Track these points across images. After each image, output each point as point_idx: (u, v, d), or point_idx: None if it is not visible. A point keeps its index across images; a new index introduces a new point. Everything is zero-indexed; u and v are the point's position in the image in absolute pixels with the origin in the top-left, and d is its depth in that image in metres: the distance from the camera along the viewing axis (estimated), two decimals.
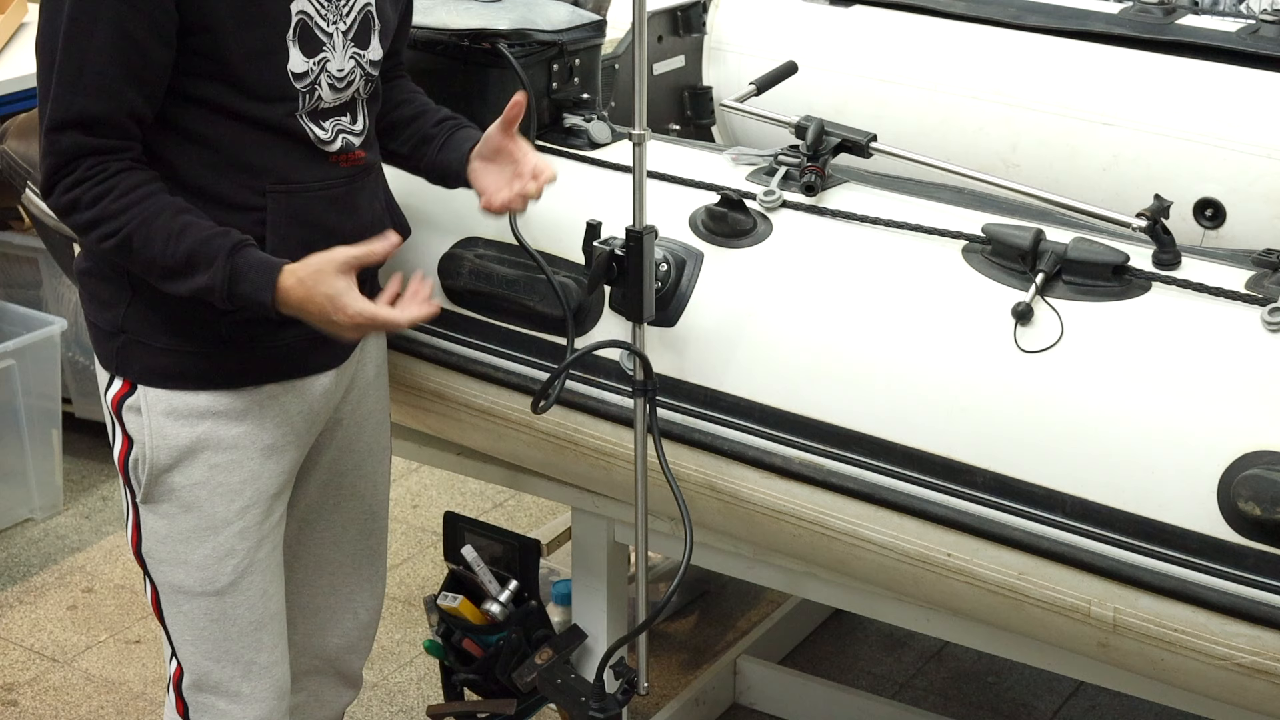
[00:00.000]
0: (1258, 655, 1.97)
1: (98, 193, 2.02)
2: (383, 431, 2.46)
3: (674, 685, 3.30)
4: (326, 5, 2.11)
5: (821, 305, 2.22)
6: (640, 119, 2.15)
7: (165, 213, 2.03)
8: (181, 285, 2.05)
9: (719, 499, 2.32)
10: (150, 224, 2.03)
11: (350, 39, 2.16)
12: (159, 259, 2.03)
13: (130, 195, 2.03)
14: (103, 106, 2.01)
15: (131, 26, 1.99)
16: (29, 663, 3.44)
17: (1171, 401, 2.00)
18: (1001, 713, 3.27)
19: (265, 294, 2.04)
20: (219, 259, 2.02)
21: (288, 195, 2.12)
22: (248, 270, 2.04)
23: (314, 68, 2.11)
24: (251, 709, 2.27)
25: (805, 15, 3.26)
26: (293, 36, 2.08)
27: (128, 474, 2.21)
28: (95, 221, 2.03)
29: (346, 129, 2.19)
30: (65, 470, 4.07)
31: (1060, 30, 3.04)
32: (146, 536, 2.23)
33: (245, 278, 2.03)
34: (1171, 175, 2.83)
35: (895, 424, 2.14)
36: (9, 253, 4.18)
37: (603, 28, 2.65)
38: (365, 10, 2.17)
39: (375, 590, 2.52)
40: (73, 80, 2.00)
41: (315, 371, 2.25)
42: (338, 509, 2.42)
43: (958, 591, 2.19)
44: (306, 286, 2.03)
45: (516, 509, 4.04)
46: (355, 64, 2.17)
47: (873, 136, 2.39)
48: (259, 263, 2.05)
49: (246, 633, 2.24)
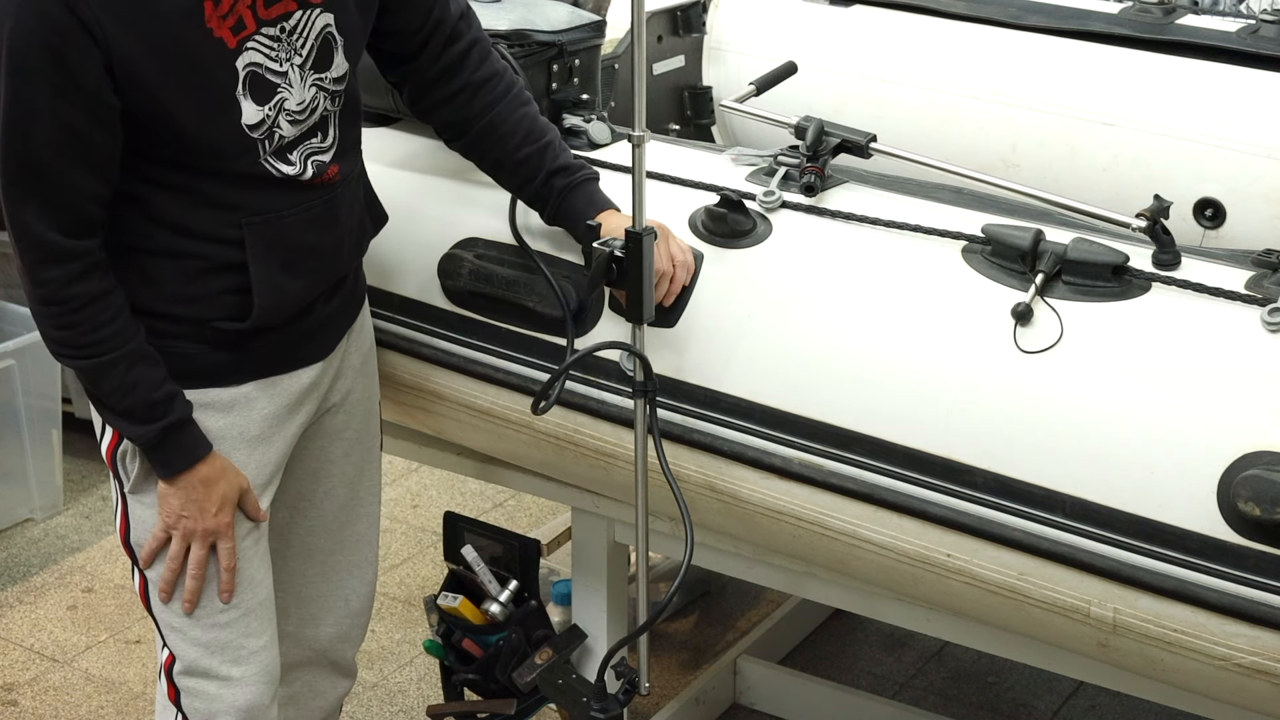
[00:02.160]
0: (1257, 655, 1.97)
1: (67, 321, 2.07)
2: (371, 418, 2.46)
3: (674, 685, 3.30)
4: (275, 46, 2.05)
5: (821, 306, 2.22)
6: (640, 119, 2.15)
7: (122, 363, 2.09)
8: (110, 419, 2.16)
9: (719, 499, 2.32)
10: (108, 370, 2.09)
11: (309, 68, 2.10)
12: (102, 398, 2.13)
13: (95, 334, 2.07)
14: (58, 199, 2.00)
15: (71, 120, 1.96)
16: (29, 663, 3.45)
17: (1171, 402, 2.00)
18: (1001, 713, 3.27)
19: (168, 473, 2.15)
20: (154, 425, 2.12)
21: (264, 225, 2.11)
22: (170, 448, 2.14)
23: (270, 112, 2.07)
24: (242, 693, 2.27)
25: (805, 15, 3.26)
26: (243, 91, 2.04)
27: (116, 465, 2.23)
28: (59, 342, 2.10)
29: (316, 150, 2.15)
30: (65, 470, 4.07)
31: (1060, 30, 3.04)
32: (135, 526, 2.24)
33: (164, 450, 2.15)
34: (1171, 175, 2.83)
35: (895, 424, 2.14)
36: (9, 253, 4.17)
37: (602, 28, 2.65)
38: (324, 33, 2.10)
39: (366, 577, 2.52)
40: (22, 178, 1.99)
41: (302, 365, 2.26)
42: (327, 496, 2.43)
43: (958, 592, 2.19)
44: (215, 480, 2.16)
45: (516, 509, 4.04)
46: (316, 89, 2.12)
47: (872, 137, 2.39)
48: (186, 446, 2.15)
49: (235, 619, 2.25)
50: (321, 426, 2.37)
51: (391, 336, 2.53)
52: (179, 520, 2.17)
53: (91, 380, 2.12)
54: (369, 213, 2.33)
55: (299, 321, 2.21)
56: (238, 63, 2.02)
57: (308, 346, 2.26)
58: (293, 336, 2.21)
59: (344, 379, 2.36)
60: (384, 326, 2.52)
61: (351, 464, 2.44)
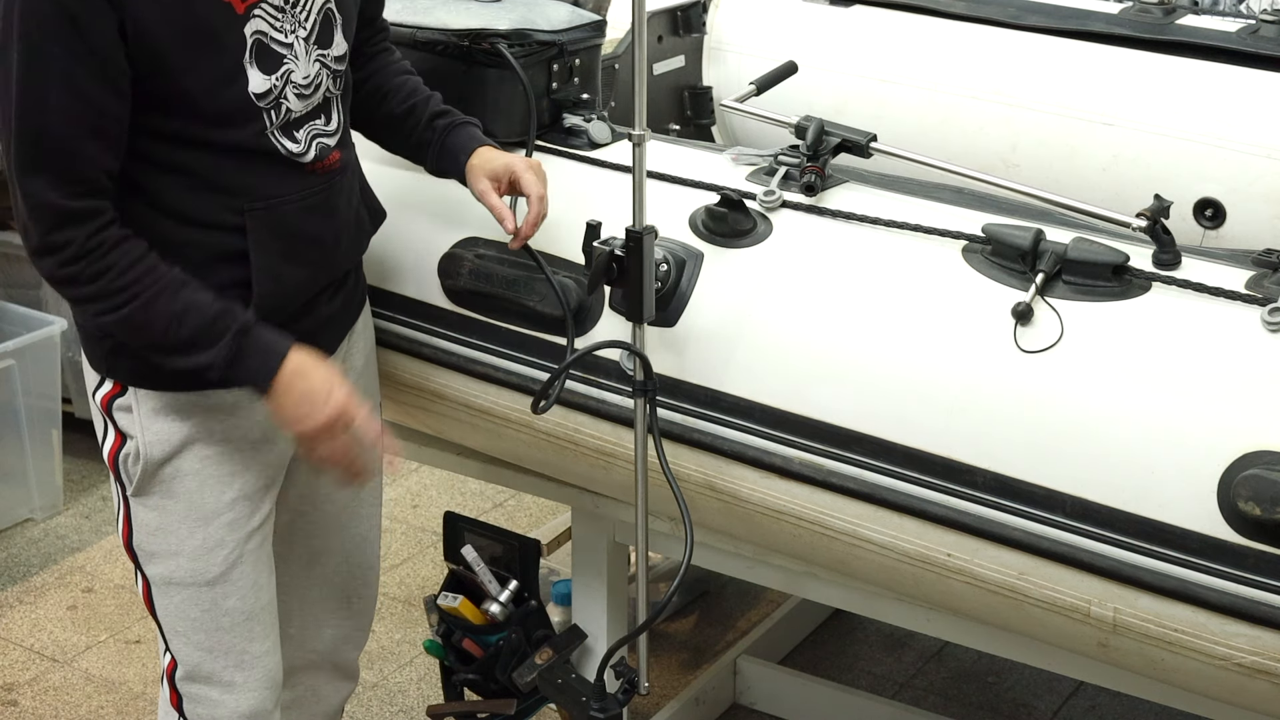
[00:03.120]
0: (1258, 655, 1.97)
1: (96, 270, 2.01)
2: (372, 420, 2.45)
3: (674, 685, 3.30)
4: (280, 16, 2.08)
5: (821, 305, 2.22)
6: (640, 119, 2.15)
7: (165, 293, 2.04)
8: (179, 361, 2.08)
9: (719, 499, 2.32)
10: (152, 305, 2.03)
11: (313, 42, 2.13)
12: (160, 340, 2.06)
13: (129, 273, 2.02)
14: (70, 168, 1.99)
15: (84, 86, 1.96)
16: (29, 663, 3.45)
17: (1171, 401, 2.00)
18: (1001, 713, 3.27)
19: (262, 381, 2.08)
20: (223, 341, 2.05)
21: (266, 212, 2.12)
22: (246, 359, 2.07)
23: (276, 83, 2.08)
24: (244, 698, 2.27)
25: (805, 15, 3.26)
26: (250, 58, 2.05)
27: (118, 469, 2.22)
28: (95, 298, 2.03)
29: (321, 132, 2.17)
30: (65, 470, 4.08)
31: (1060, 30, 3.04)
32: (137, 529, 2.24)
33: (243, 365, 2.07)
34: (1171, 175, 2.83)
35: (895, 424, 2.14)
36: (9, 253, 4.18)
37: (603, 28, 2.65)
38: (325, 9, 2.14)
39: (368, 579, 2.52)
40: (34, 147, 1.98)
41: None
42: (329, 499, 2.42)
43: (958, 591, 2.19)
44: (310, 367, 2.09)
45: (516, 509, 4.04)
46: (320, 66, 2.14)
47: (873, 136, 2.39)
48: (263, 348, 2.08)
49: (238, 623, 2.25)
50: None
51: (392, 336, 2.53)
52: (303, 422, 2.11)
53: (140, 327, 2.05)
54: (366, 207, 2.34)
55: (300, 320, 2.21)
56: (245, 29, 2.04)
57: (308, 346, 2.26)
58: (294, 335, 2.21)
59: (345, 380, 2.36)
60: (384, 326, 2.52)
61: None
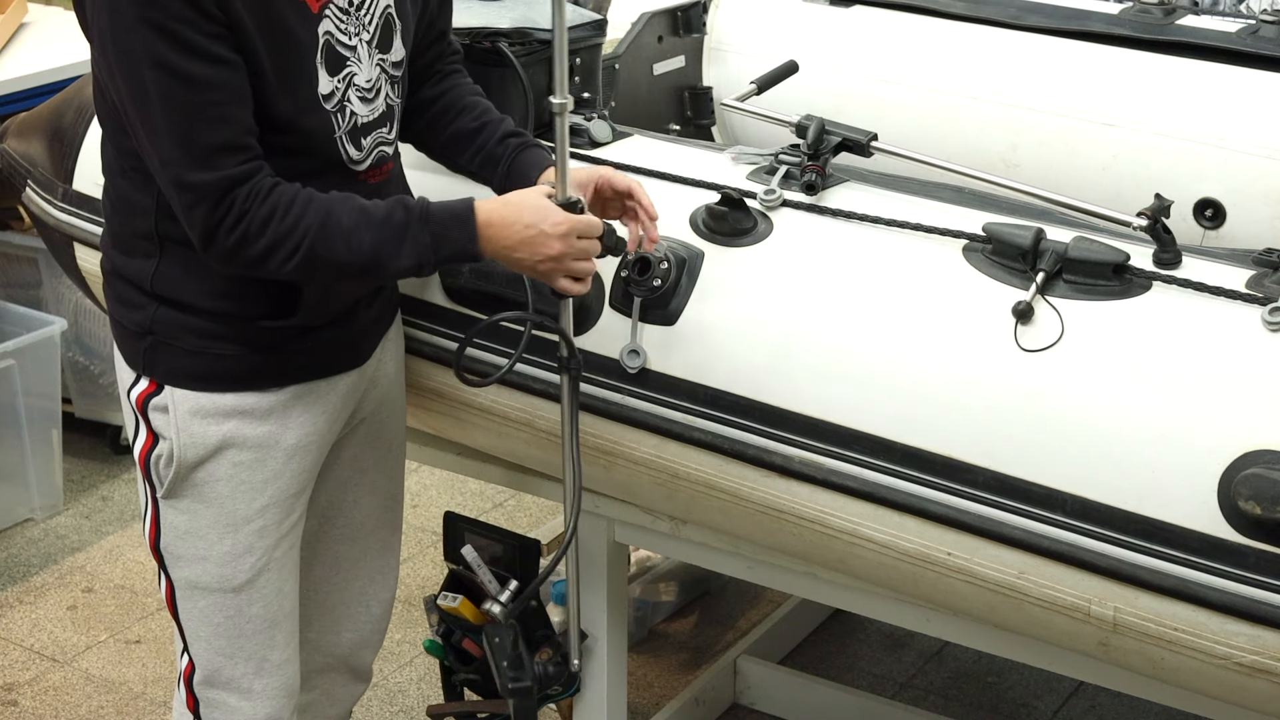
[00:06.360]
0: (1258, 655, 1.97)
1: (263, 215, 1.99)
2: (401, 427, 2.48)
3: (674, 685, 3.30)
4: (345, 19, 2.08)
5: (822, 304, 2.23)
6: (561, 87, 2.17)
7: (333, 214, 2.02)
8: (381, 277, 2.08)
9: (719, 498, 2.32)
10: (324, 231, 2.01)
11: (374, 46, 2.13)
12: (349, 260, 2.03)
13: (294, 208, 2.00)
14: (220, 134, 1.97)
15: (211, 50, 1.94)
16: (29, 663, 3.44)
17: (1171, 401, 2.00)
18: (1001, 713, 3.27)
19: (471, 245, 2.07)
20: (408, 238, 2.04)
21: None
22: (444, 233, 2.06)
23: (339, 85, 2.08)
24: (262, 706, 2.27)
25: (805, 15, 3.26)
26: (320, 58, 2.06)
27: (149, 469, 2.20)
28: (272, 247, 2.00)
29: (384, 140, 2.17)
30: (65, 470, 4.07)
31: (1060, 30, 3.04)
32: (166, 531, 2.23)
33: (445, 242, 2.06)
34: (1171, 175, 2.83)
35: (895, 423, 2.14)
36: (9, 253, 4.18)
37: (603, 27, 2.65)
38: (386, 14, 2.15)
39: (388, 583, 2.53)
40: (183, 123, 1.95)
41: (339, 371, 2.25)
42: (356, 504, 2.43)
43: (958, 591, 2.19)
44: (499, 201, 2.08)
45: (516, 509, 4.04)
46: (380, 70, 2.14)
47: (873, 136, 2.39)
48: (450, 219, 2.07)
49: (260, 630, 2.25)
50: (355, 435, 2.37)
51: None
52: (542, 261, 2.09)
53: (324, 258, 2.02)
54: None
55: (339, 326, 2.21)
56: (319, 28, 2.05)
57: (346, 353, 2.26)
58: (332, 342, 2.20)
59: (378, 388, 2.37)
60: None
61: (383, 473, 2.44)
